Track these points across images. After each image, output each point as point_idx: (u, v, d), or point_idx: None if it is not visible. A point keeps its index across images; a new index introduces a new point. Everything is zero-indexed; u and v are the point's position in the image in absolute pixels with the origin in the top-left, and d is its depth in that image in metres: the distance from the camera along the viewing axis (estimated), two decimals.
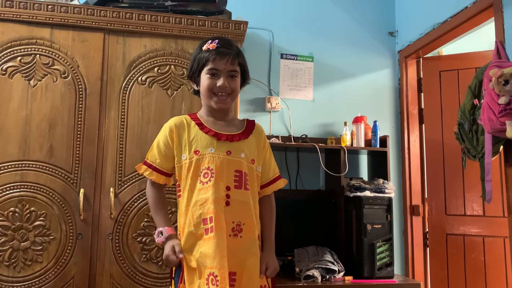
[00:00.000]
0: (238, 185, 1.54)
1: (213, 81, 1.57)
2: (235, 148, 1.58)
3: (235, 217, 1.52)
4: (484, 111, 2.08)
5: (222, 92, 1.58)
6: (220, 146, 1.56)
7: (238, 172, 1.55)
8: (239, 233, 1.53)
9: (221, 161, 1.54)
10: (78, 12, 2.14)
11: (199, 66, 1.60)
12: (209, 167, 1.53)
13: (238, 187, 1.54)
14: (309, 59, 3.05)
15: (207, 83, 1.58)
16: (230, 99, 1.61)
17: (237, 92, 1.64)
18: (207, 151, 1.55)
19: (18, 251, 2.00)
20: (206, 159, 1.54)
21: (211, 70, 1.57)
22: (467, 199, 2.90)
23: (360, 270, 2.50)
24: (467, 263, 2.86)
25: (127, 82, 2.18)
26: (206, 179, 1.53)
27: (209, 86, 1.58)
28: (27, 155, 2.05)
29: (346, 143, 2.78)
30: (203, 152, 1.55)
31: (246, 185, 1.56)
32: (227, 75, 1.58)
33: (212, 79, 1.57)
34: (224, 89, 1.57)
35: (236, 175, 1.55)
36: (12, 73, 2.08)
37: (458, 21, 2.61)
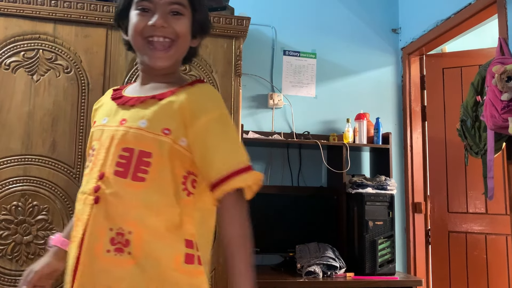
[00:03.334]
0: (123, 171, 0.96)
1: (143, 19, 1.04)
2: (134, 113, 1.01)
3: (114, 220, 0.94)
4: (487, 108, 2.08)
5: (159, 36, 1.03)
6: (116, 114, 1.04)
7: (126, 150, 0.97)
8: (126, 248, 0.93)
9: (106, 136, 1.01)
10: (81, 8, 2.15)
11: (126, 1, 1.08)
12: (94, 145, 1.04)
13: (121, 174, 0.96)
14: (311, 56, 3.05)
15: (134, 21, 1.05)
16: (174, 50, 1.05)
17: (185, 40, 1.07)
18: (100, 122, 1.07)
19: (21, 245, 2.01)
20: (95, 134, 1.06)
21: (141, 3, 1.04)
22: (469, 197, 2.90)
23: (361, 267, 2.50)
24: (469, 260, 2.86)
25: (130, 77, 2.19)
26: (87, 163, 1.06)
27: (136, 26, 1.04)
28: (30, 150, 2.05)
29: (348, 140, 2.78)
30: (97, 123, 1.09)
31: (137, 172, 0.96)
32: (165, 12, 1.04)
33: (142, 16, 1.04)
34: (161, 30, 1.03)
35: (121, 155, 0.97)
36: (15, 68, 2.09)
37: (461, 18, 2.60)
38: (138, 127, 0.98)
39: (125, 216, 0.94)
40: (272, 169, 2.88)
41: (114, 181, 0.96)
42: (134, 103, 1.03)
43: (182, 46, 1.07)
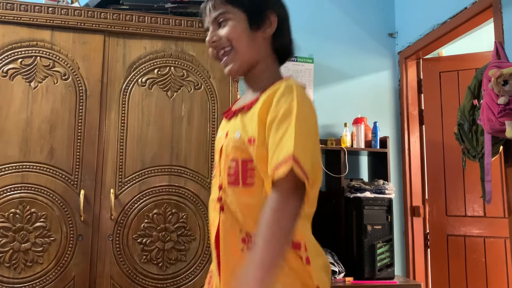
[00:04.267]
0: (234, 180, 1.04)
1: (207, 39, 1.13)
2: (232, 125, 1.10)
3: (239, 225, 1.03)
4: (484, 112, 2.09)
5: (215, 50, 1.12)
6: (223, 128, 1.15)
7: (233, 161, 1.05)
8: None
9: (218, 149, 1.13)
10: (78, 14, 2.15)
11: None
12: (214, 157, 1.16)
13: (233, 183, 1.05)
14: (309, 61, 3.06)
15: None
16: (231, 56, 1.10)
17: (239, 40, 1.09)
18: (217, 135, 1.18)
19: (19, 252, 2.00)
20: (215, 147, 1.17)
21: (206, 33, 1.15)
22: (467, 200, 2.90)
23: (360, 271, 2.50)
24: (468, 264, 2.86)
25: (127, 83, 2.19)
26: (214, 172, 1.16)
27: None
28: (28, 157, 2.05)
29: (346, 144, 2.78)
30: (216, 137, 1.20)
31: (245, 178, 1.03)
32: (214, 27, 1.12)
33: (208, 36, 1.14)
34: (212, 44, 1.11)
35: (231, 166, 1.06)
36: (13, 75, 2.09)
37: (457, 22, 2.62)
38: (235, 138, 1.06)
39: (246, 219, 1.02)
40: None
41: (229, 190, 1.05)
42: (233, 115, 1.12)
43: (239, 48, 1.09)
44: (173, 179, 2.16)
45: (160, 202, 2.14)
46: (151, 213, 2.12)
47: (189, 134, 2.21)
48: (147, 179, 2.14)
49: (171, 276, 2.11)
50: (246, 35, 1.09)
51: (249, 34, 1.10)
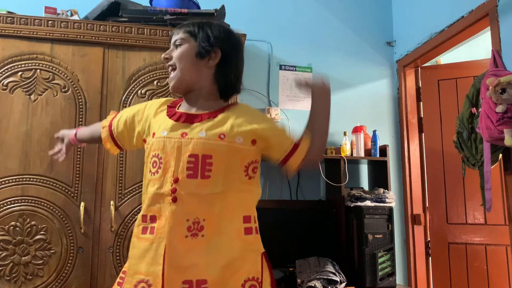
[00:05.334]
0: (193, 173, 1.23)
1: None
2: (193, 129, 1.29)
3: (189, 213, 1.21)
4: (482, 120, 2.09)
5: (166, 65, 1.36)
6: (175, 128, 1.29)
7: (192, 156, 1.24)
8: (200, 232, 1.21)
9: (171, 147, 1.26)
10: (78, 27, 2.17)
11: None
12: (158, 154, 1.28)
13: (191, 176, 1.23)
14: (307, 70, 3.07)
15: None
16: (174, 74, 1.33)
17: (182, 61, 1.32)
18: (160, 134, 1.30)
19: (19, 266, 2.00)
20: (157, 144, 1.29)
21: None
22: (468, 208, 2.90)
23: (362, 281, 2.49)
24: (470, 272, 2.85)
25: (127, 95, 2.20)
26: (154, 169, 1.28)
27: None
28: (28, 169, 2.06)
29: (346, 153, 2.78)
30: (156, 135, 1.31)
31: (204, 171, 1.23)
32: (172, 47, 1.36)
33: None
34: (164, 60, 1.35)
35: (190, 161, 1.23)
36: (13, 88, 2.10)
37: (455, 31, 2.63)
38: (198, 137, 1.26)
39: (199, 207, 1.22)
40: (270, 183, 2.89)
41: (187, 182, 1.22)
42: (192, 120, 1.30)
43: (181, 69, 1.31)
44: None
45: None
46: None
47: None
48: None
49: None
50: (190, 60, 1.31)
51: (193, 60, 1.31)
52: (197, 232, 1.21)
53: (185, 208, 1.21)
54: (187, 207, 1.21)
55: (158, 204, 1.24)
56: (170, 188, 1.22)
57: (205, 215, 1.22)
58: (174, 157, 1.25)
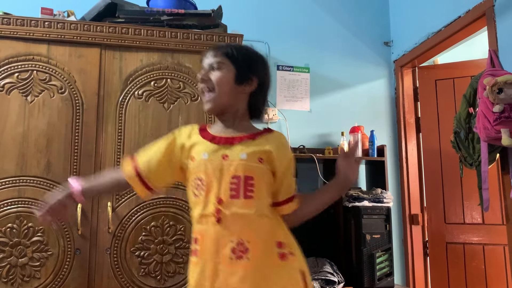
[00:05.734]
0: (235, 194, 1.25)
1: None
2: (233, 150, 1.31)
3: (233, 234, 1.23)
4: (479, 120, 2.09)
5: (203, 86, 1.36)
6: (216, 151, 1.32)
7: (235, 178, 1.27)
8: (244, 254, 1.22)
9: (213, 169, 1.28)
10: (74, 28, 2.16)
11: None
12: (200, 177, 1.30)
13: (234, 196, 1.25)
14: (305, 70, 3.07)
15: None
16: (213, 95, 1.34)
17: (222, 86, 1.34)
18: (200, 157, 1.32)
19: (16, 267, 1.99)
20: (198, 167, 1.31)
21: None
22: (466, 207, 2.90)
23: (360, 281, 2.49)
24: (468, 271, 2.85)
25: (124, 96, 2.19)
26: (197, 191, 1.30)
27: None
28: (25, 171, 2.05)
29: None
30: (197, 159, 1.32)
31: (247, 192, 1.26)
32: (209, 68, 1.37)
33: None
34: (202, 81, 1.36)
35: (232, 182, 1.26)
36: (10, 89, 2.09)
37: (452, 30, 2.63)
38: (240, 159, 1.29)
39: (243, 228, 1.24)
40: None
41: (230, 203, 1.25)
42: (232, 142, 1.33)
43: (219, 91, 1.34)
44: (171, 191, 2.16)
45: (158, 215, 2.14)
46: (148, 225, 2.12)
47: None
48: None
49: None
50: (229, 85, 1.34)
51: (232, 86, 1.35)
52: (241, 254, 1.22)
53: (229, 229, 1.24)
54: (231, 228, 1.24)
55: (202, 225, 1.28)
56: (214, 208, 1.25)
57: (249, 237, 1.24)
58: (217, 178, 1.27)
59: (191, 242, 1.36)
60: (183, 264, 2.12)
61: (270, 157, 1.32)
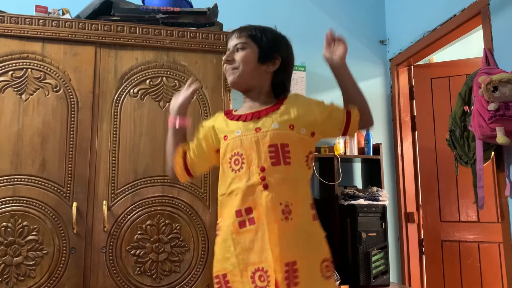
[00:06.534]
0: (276, 161, 1.33)
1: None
2: (264, 123, 1.38)
3: (281, 197, 1.31)
4: (475, 118, 2.10)
5: (228, 66, 1.45)
6: (247, 127, 1.39)
7: (272, 146, 1.34)
8: (289, 215, 1.31)
9: (249, 142, 1.36)
10: (69, 26, 2.15)
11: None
12: (238, 152, 1.37)
13: (276, 163, 1.33)
14: (301, 69, 3.07)
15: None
16: (235, 72, 1.42)
17: (246, 65, 1.42)
18: (234, 135, 1.40)
19: (11, 267, 1.98)
20: (233, 144, 1.38)
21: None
22: (461, 205, 2.91)
23: (355, 279, 2.50)
24: (463, 269, 2.86)
25: (119, 94, 2.19)
26: (237, 166, 1.37)
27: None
28: (19, 170, 2.04)
29: (339, 152, 2.79)
30: (230, 137, 1.40)
31: (286, 158, 1.34)
32: (233, 49, 1.45)
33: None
34: (227, 61, 1.44)
35: (270, 150, 1.34)
36: (4, 87, 2.08)
37: (447, 29, 2.64)
38: (273, 129, 1.36)
39: (287, 191, 1.32)
40: None
41: (273, 170, 1.32)
42: (259, 116, 1.40)
43: (243, 70, 1.41)
44: (166, 189, 2.15)
45: (153, 213, 2.13)
46: (144, 224, 2.11)
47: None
48: (140, 190, 2.13)
49: None
50: (253, 64, 1.42)
51: (256, 64, 1.42)
52: (288, 215, 1.31)
53: (277, 193, 1.31)
54: (278, 192, 1.31)
55: (251, 195, 1.32)
56: (259, 177, 1.32)
57: (292, 199, 1.32)
58: (255, 150, 1.34)
59: (186, 241, 1.39)
60: (178, 262, 2.12)
61: (299, 119, 1.39)
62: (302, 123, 1.39)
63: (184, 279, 2.12)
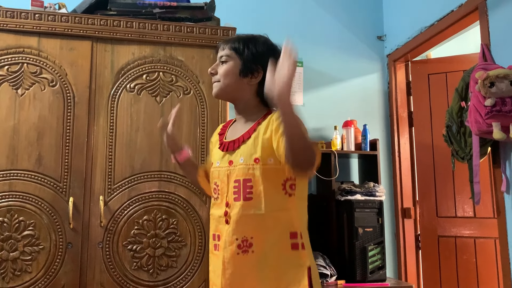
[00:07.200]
0: (237, 197, 1.36)
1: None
2: (235, 155, 1.41)
3: (238, 233, 1.34)
4: (471, 113, 2.10)
5: (212, 78, 1.48)
6: (224, 158, 1.44)
7: (236, 182, 1.38)
8: (249, 248, 1.33)
9: (223, 175, 1.42)
10: (65, 21, 2.14)
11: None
12: (216, 182, 1.45)
13: (237, 199, 1.36)
14: (298, 64, 3.06)
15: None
16: (217, 85, 1.46)
17: (226, 79, 1.43)
18: (215, 164, 1.47)
19: (7, 262, 1.98)
20: (213, 173, 1.47)
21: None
22: (458, 201, 2.92)
23: (352, 274, 2.51)
24: (459, 264, 2.88)
25: (116, 89, 2.18)
26: (216, 195, 1.44)
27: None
28: (15, 165, 2.03)
29: (336, 147, 2.79)
30: (214, 165, 1.48)
31: (246, 194, 1.35)
32: (218, 62, 1.48)
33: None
34: (211, 74, 1.47)
35: (235, 186, 1.38)
36: (0, 82, 2.07)
37: (444, 25, 2.64)
38: (239, 164, 1.38)
39: (246, 226, 1.34)
40: None
41: (234, 205, 1.36)
42: (233, 147, 1.42)
43: (224, 82, 1.43)
44: (163, 185, 2.15)
45: (150, 208, 2.13)
46: (141, 219, 2.11)
47: (178, 139, 2.19)
48: (137, 185, 2.13)
49: (162, 283, 2.10)
50: (234, 78, 1.43)
51: (237, 78, 1.43)
52: (247, 249, 1.33)
53: (234, 228, 1.35)
54: (236, 227, 1.34)
55: (220, 225, 1.40)
56: (224, 211, 1.38)
57: (253, 234, 1.34)
58: (226, 183, 1.40)
59: (183, 236, 1.40)
60: (175, 258, 2.12)
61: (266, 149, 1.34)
62: (268, 154, 1.34)
63: (181, 274, 2.12)
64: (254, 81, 1.44)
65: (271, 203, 1.34)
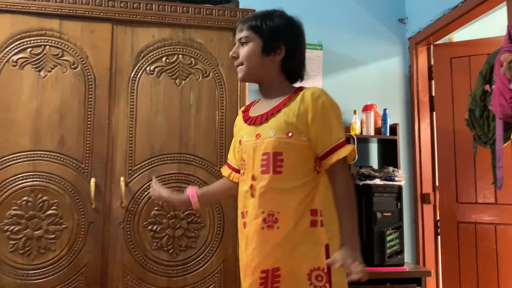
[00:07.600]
0: (266, 169, 1.35)
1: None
2: (264, 128, 1.40)
3: (264, 206, 1.34)
4: (495, 97, 2.06)
5: (234, 61, 1.47)
6: (251, 132, 1.43)
7: (265, 154, 1.36)
8: (275, 224, 1.33)
9: (249, 149, 1.41)
10: (86, 3, 2.15)
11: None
12: (243, 157, 1.44)
13: (265, 171, 1.35)
14: (318, 48, 3.03)
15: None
16: (242, 69, 1.44)
17: (250, 61, 1.42)
18: (242, 140, 1.46)
19: (32, 240, 2.04)
20: (241, 150, 1.46)
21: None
22: (478, 187, 2.88)
23: (370, 258, 2.51)
24: (479, 251, 2.85)
25: (136, 72, 2.19)
26: (243, 170, 1.44)
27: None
28: (39, 146, 2.07)
29: (355, 132, 2.77)
30: (241, 142, 1.47)
31: (276, 167, 1.34)
32: (238, 44, 1.46)
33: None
34: (233, 57, 1.46)
35: (263, 159, 1.36)
36: (23, 64, 2.10)
37: (469, 6, 2.57)
38: (269, 136, 1.37)
39: (273, 201, 1.34)
40: None
41: (261, 178, 1.35)
42: (261, 120, 1.41)
43: (248, 65, 1.43)
44: (182, 167, 2.17)
45: (170, 190, 2.15)
46: None
47: (197, 122, 2.21)
48: (157, 167, 2.15)
49: (181, 263, 2.13)
50: (256, 58, 1.42)
51: (260, 58, 1.42)
52: (272, 224, 1.33)
53: (260, 202, 1.35)
54: (262, 201, 1.35)
55: (246, 200, 1.40)
56: (249, 185, 1.38)
57: (279, 208, 1.34)
58: (252, 157, 1.39)
59: (202, 217, 1.46)
60: (194, 238, 2.15)
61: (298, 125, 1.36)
62: (303, 131, 1.35)
63: (200, 255, 2.15)
64: (277, 58, 1.42)
65: (300, 178, 1.35)
